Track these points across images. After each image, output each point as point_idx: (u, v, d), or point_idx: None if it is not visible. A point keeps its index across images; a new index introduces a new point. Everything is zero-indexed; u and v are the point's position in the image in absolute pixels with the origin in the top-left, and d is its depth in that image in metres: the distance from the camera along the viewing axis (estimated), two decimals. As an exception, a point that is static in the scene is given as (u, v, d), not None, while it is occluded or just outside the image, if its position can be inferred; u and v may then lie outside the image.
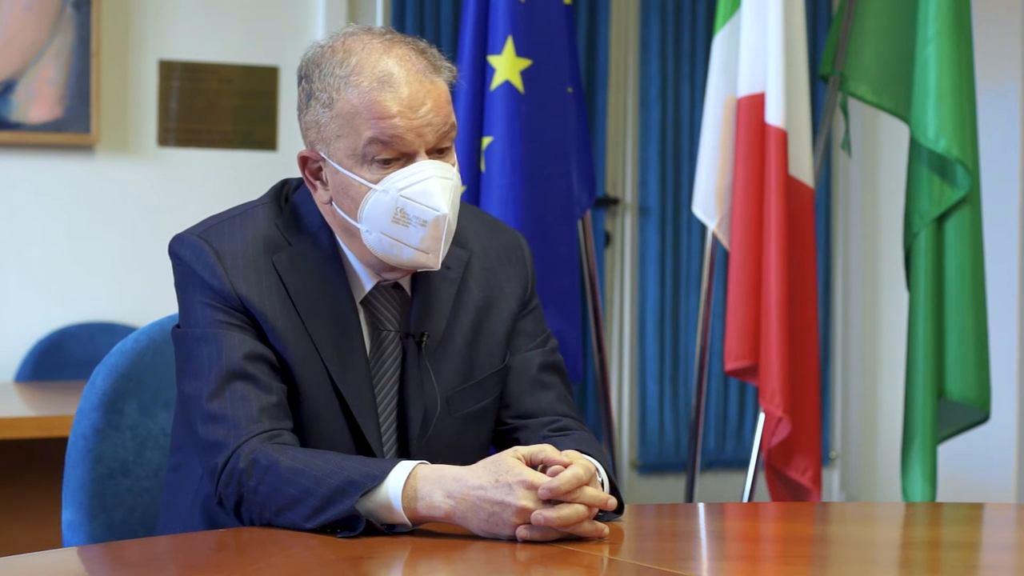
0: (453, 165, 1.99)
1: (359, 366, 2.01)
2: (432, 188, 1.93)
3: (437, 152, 1.96)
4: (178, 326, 2.01)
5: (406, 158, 1.94)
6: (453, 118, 1.98)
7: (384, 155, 1.93)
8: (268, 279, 1.98)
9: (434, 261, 1.97)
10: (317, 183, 2.01)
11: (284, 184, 2.09)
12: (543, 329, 2.17)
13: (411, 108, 1.93)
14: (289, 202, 2.06)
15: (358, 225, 1.97)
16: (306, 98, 1.98)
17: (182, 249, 2.00)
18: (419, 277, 2.06)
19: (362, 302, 2.03)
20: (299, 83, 2.01)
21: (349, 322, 2.01)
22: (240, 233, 2.00)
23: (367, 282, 2.03)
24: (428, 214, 1.93)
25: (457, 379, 2.06)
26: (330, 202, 2.00)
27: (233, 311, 1.96)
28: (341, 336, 2.00)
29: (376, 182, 1.94)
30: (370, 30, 1.99)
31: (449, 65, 2.00)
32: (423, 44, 1.99)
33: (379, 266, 2.01)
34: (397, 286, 2.05)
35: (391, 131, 1.92)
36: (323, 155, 1.98)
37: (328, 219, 2.03)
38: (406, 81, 1.93)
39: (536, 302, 2.18)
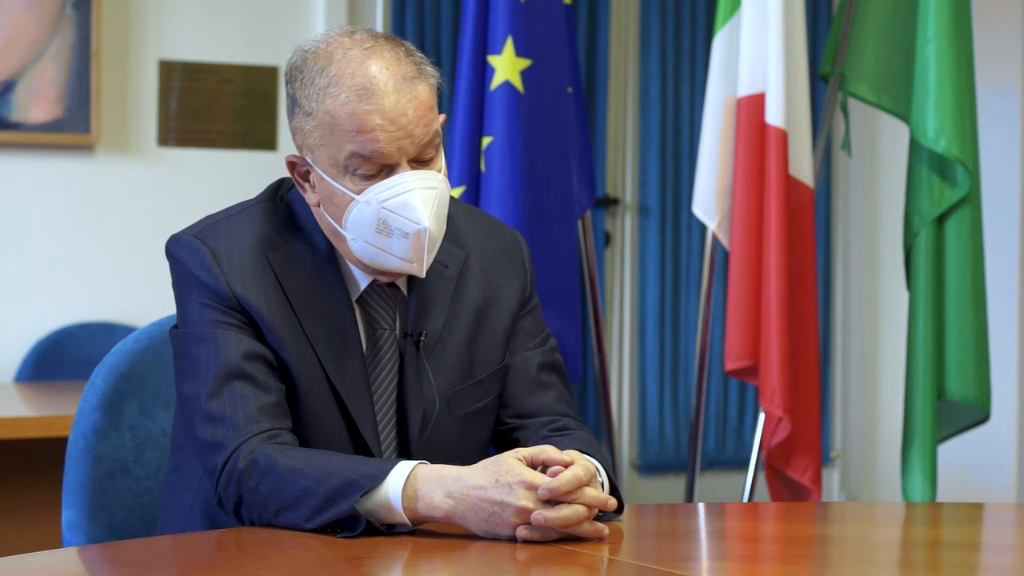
0: (439, 171, 1.96)
1: (355, 365, 2.00)
2: (413, 201, 1.92)
3: (419, 162, 1.94)
4: (175, 327, 2.01)
5: (388, 169, 1.93)
6: (437, 124, 1.95)
7: (364, 169, 1.92)
8: (264, 278, 1.98)
9: (419, 270, 1.96)
10: (306, 185, 2.00)
11: (280, 183, 2.08)
12: (542, 329, 2.17)
13: (391, 121, 1.90)
14: (284, 201, 2.05)
15: (344, 232, 1.97)
16: (291, 103, 1.97)
17: (178, 249, 2.00)
18: (415, 276, 2.06)
19: (357, 301, 2.03)
20: (286, 85, 1.99)
21: (345, 321, 2.01)
22: (236, 232, 2.00)
23: (362, 281, 2.02)
24: (409, 227, 1.92)
25: (457, 378, 2.06)
26: (319, 205, 2.00)
27: (230, 311, 1.96)
28: (337, 335, 2.00)
29: (358, 193, 1.93)
30: (352, 34, 1.95)
31: (433, 70, 1.96)
32: (404, 48, 1.95)
33: (369, 270, 2.01)
34: (392, 285, 2.05)
35: (371, 145, 1.90)
36: (309, 160, 1.97)
37: (319, 221, 2.02)
38: (386, 92, 1.90)
39: (535, 302, 2.17)
